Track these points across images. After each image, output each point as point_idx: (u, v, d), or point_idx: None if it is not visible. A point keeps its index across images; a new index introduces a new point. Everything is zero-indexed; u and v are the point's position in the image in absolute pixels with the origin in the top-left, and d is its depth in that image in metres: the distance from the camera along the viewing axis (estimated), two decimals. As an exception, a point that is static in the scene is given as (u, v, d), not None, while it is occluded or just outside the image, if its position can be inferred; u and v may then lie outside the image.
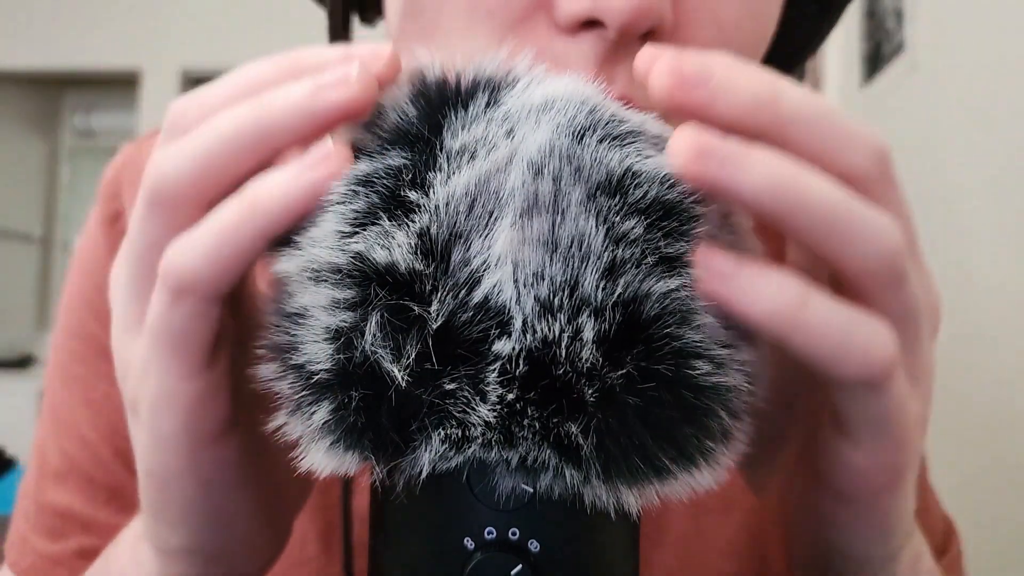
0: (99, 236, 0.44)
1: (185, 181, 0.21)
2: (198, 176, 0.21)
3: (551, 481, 0.20)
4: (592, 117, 0.21)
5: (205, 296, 0.21)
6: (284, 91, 0.21)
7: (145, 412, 0.23)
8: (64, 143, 4.17)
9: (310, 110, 0.21)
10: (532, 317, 0.19)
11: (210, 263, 0.21)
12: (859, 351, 0.20)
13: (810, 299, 0.19)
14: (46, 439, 0.43)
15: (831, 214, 0.20)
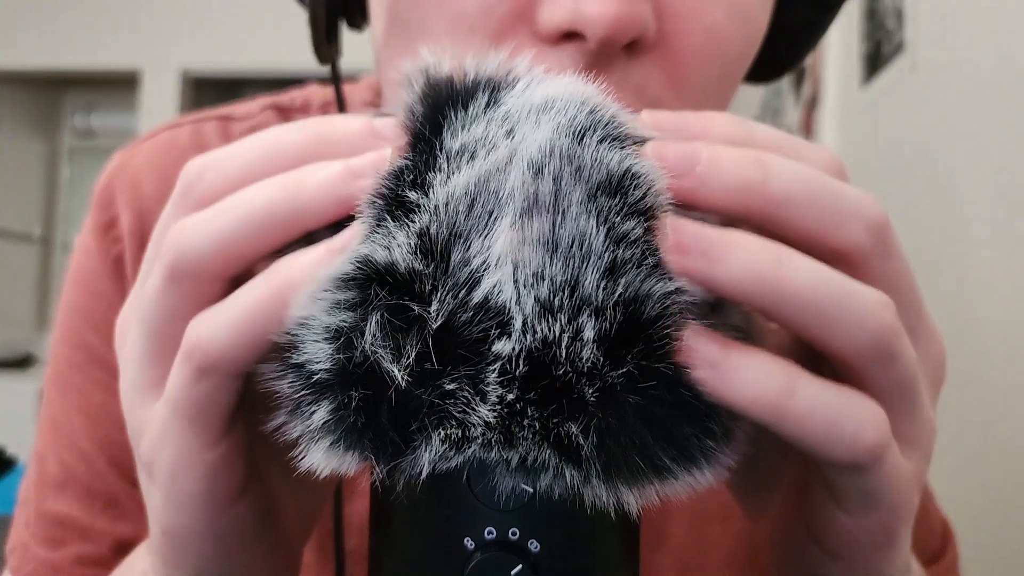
0: (93, 245, 0.44)
1: (210, 256, 0.21)
2: (223, 252, 0.21)
3: (551, 481, 0.20)
4: (592, 117, 0.21)
5: (229, 373, 0.21)
6: (315, 172, 0.21)
7: (163, 476, 0.23)
8: (64, 143, 4.17)
9: (343, 195, 0.21)
10: (532, 317, 0.19)
11: (237, 343, 0.21)
12: (847, 437, 0.20)
13: (797, 387, 0.19)
14: (45, 448, 0.44)
15: (813, 301, 0.19)
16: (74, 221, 4.06)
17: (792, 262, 0.19)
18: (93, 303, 0.44)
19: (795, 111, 2.00)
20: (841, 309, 0.20)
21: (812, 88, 1.85)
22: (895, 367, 0.21)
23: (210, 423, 0.22)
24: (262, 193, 0.21)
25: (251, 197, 0.21)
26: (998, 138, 0.98)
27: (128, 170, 0.45)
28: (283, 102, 0.48)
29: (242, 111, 0.48)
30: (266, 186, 0.21)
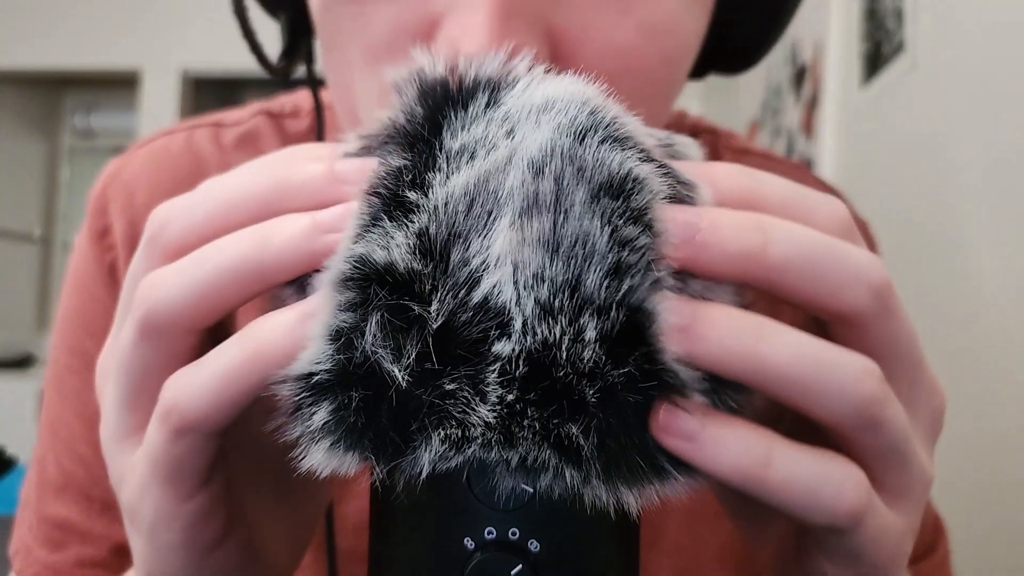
0: (88, 252, 0.45)
1: (179, 312, 0.21)
2: (193, 307, 0.21)
3: (551, 481, 0.20)
4: (593, 118, 0.21)
5: (205, 434, 0.21)
6: (282, 228, 0.21)
7: (144, 527, 0.23)
8: (64, 143, 4.17)
9: (310, 251, 0.21)
10: (532, 319, 0.19)
11: (212, 404, 0.21)
12: (826, 504, 0.20)
13: (774, 457, 0.20)
14: (45, 452, 0.44)
15: (793, 376, 0.20)
16: (74, 221, 4.06)
17: (772, 337, 0.20)
18: (89, 309, 0.45)
19: (795, 111, 2.00)
20: (822, 382, 0.20)
21: (812, 88, 1.85)
22: (880, 433, 0.21)
23: (188, 479, 0.22)
24: (229, 249, 0.21)
25: (218, 253, 0.21)
26: (998, 138, 0.98)
27: (121, 178, 0.46)
28: (274, 108, 0.49)
29: (233, 117, 0.49)
30: (233, 241, 0.21)
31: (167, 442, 0.21)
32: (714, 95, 2.86)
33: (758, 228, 0.20)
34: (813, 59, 1.84)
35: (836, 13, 1.69)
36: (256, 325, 0.21)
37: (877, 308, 0.21)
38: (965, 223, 1.05)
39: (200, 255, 0.21)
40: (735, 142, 0.52)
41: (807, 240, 0.20)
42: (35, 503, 0.44)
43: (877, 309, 0.21)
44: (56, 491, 0.43)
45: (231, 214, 0.22)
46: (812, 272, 0.20)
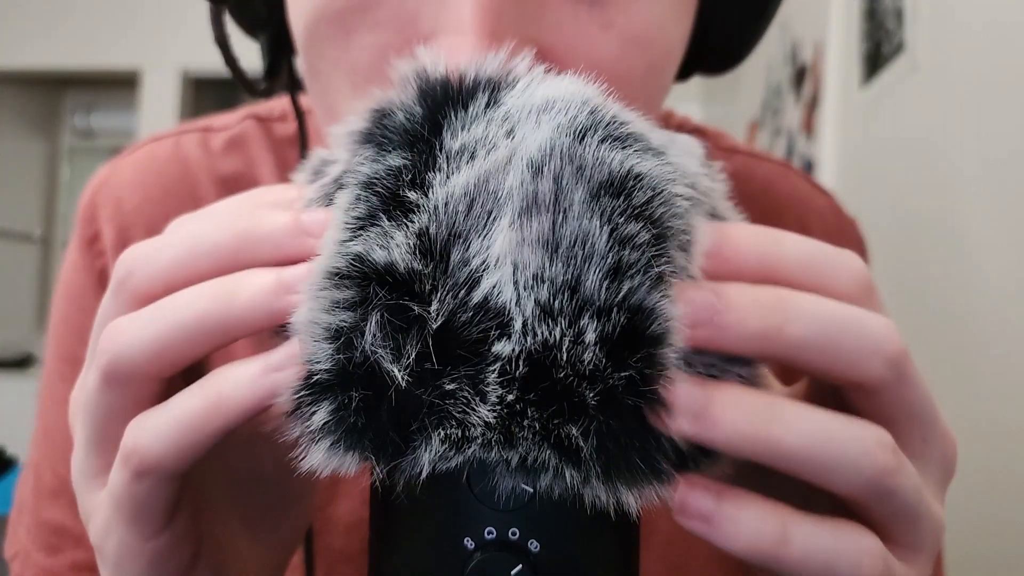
0: (79, 259, 0.46)
1: (142, 361, 0.22)
2: (156, 358, 0.22)
3: (551, 481, 0.20)
4: (593, 117, 0.21)
5: (165, 476, 0.22)
6: (247, 285, 0.21)
7: (110, 563, 0.24)
8: (64, 143, 4.17)
9: (274, 309, 0.21)
10: (532, 320, 0.19)
11: (172, 450, 0.21)
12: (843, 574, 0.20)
13: (790, 533, 0.20)
14: (40, 458, 0.45)
15: (807, 456, 0.20)
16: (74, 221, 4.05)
17: (784, 419, 0.20)
18: (80, 317, 0.45)
19: (795, 111, 2.00)
20: (835, 459, 0.20)
21: (812, 88, 1.85)
22: (894, 500, 0.21)
23: (150, 519, 0.23)
24: (192, 304, 0.21)
25: (181, 306, 0.21)
26: (998, 138, 0.98)
27: (110, 185, 0.46)
28: (262, 112, 0.49)
29: (221, 122, 0.49)
30: (196, 296, 0.21)
31: (128, 483, 0.22)
32: (714, 95, 2.86)
33: (777, 307, 0.20)
34: (813, 59, 1.84)
35: (836, 13, 1.69)
36: (219, 374, 0.21)
37: (893, 377, 0.21)
38: (965, 223, 1.05)
39: (163, 306, 0.22)
40: (723, 141, 0.52)
41: (825, 316, 0.21)
42: (31, 508, 0.44)
43: (893, 378, 0.21)
44: (52, 496, 0.44)
45: (197, 263, 0.22)
46: (829, 348, 0.21)
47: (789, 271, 0.22)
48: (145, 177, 0.46)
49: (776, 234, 0.22)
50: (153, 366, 0.22)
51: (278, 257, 0.22)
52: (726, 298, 0.20)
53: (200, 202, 0.45)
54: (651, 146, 0.21)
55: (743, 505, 0.20)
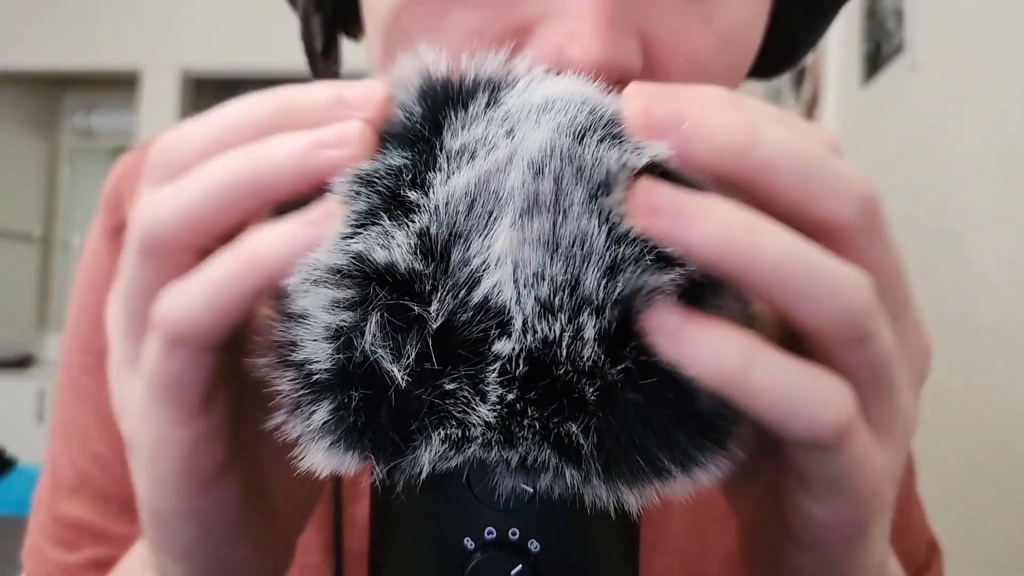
0: (102, 250, 0.44)
1: (177, 230, 0.21)
2: (190, 225, 0.21)
3: (551, 481, 0.20)
4: (593, 117, 0.21)
5: (199, 346, 0.21)
6: (280, 144, 0.21)
7: (142, 455, 0.23)
8: (64, 143, 4.17)
9: (308, 167, 0.20)
10: (532, 317, 0.19)
11: (204, 315, 0.20)
12: (807, 413, 0.19)
13: (756, 360, 0.19)
14: (58, 453, 0.44)
15: (785, 273, 0.19)
16: (74, 221, 4.06)
17: (766, 231, 0.19)
18: (103, 308, 0.44)
19: (795, 111, 2.00)
20: (814, 283, 0.19)
21: (812, 88, 1.85)
22: (869, 348, 0.20)
23: (185, 398, 0.22)
24: (225, 166, 0.21)
25: (214, 170, 0.21)
26: (998, 138, 0.98)
27: (136, 174, 0.45)
28: None
29: None
30: (229, 158, 0.21)
31: (161, 356, 0.21)
32: (714, 95, 2.85)
33: (748, 126, 0.20)
34: (813, 59, 1.84)
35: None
36: (252, 234, 0.21)
37: (863, 222, 0.20)
38: (965, 222, 1.05)
39: (195, 173, 0.21)
40: None
41: (797, 144, 0.20)
42: (47, 504, 0.43)
43: (863, 223, 0.20)
44: (70, 491, 0.43)
45: (234, 137, 0.21)
46: (799, 175, 0.20)
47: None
48: None
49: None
50: (188, 234, 0.21)
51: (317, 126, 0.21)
52: (697, 111, 0.20)
53: None
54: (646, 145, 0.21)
55: (710, 326, 0.19)
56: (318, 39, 0.40)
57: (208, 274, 0.21)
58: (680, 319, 0.19)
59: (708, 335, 0.19)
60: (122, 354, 0.24)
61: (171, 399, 0.22)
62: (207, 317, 0.20)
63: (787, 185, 0.20)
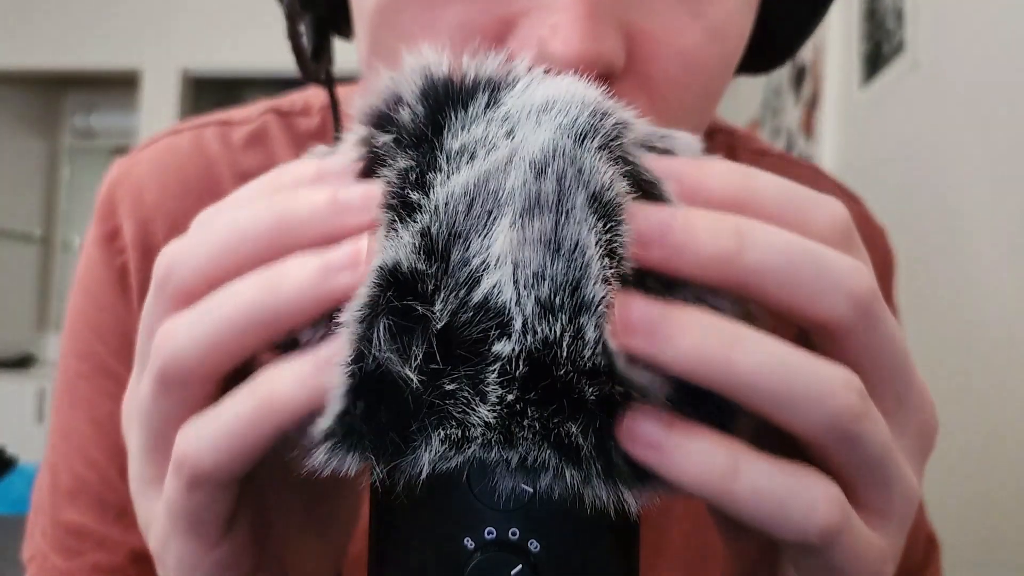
0: (97, 256, 0.44)
1: (196, 363, 0.21)
2: (208, 358, 0.21)
3: (551, 481, 0.20)
4: (593, 119, 0.21)
5: (220, 483, 0.21)
6: (292, 271, 0.20)
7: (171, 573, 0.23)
8: (64, 143, 4.17)
9: (321, 295, 0.20)
10: (532, 318, 0.19)
11: (224, 455, 0.21)
12: (795, 519, 0.19)
13: (740, 469, 0.19)
14: (57, 458, 0.44)
15: (766, 387, 0.19)
16: (74, 221, 4.06)
17: (745, 345, 0.19)
18: (99, 315, 0.44)
19: (795, 111, 2.00)
20: (797, 393, 0.19)
21: (812, 88, 1.85)
22: (858, 449, 0.20)
23: (208, 529, 0.22)
24: (240, 297, 0.21)
25: (229, 302, 0.21)
26: (998, 138, 0.98)
27: (129, 179, 0.45)
28: (283, 106, 0.48)
29: (241, 115, 0.48)
30: (243, 289, 0.21)
31: (183, 494, 0.21)
32: (714, 95, 2.85)
33: (735, 231, 0.19)
34: (813, 59, 1.84)
35: (836, 13, 1.69)
36: (269, 374, 0.21)
37: (859, 319, 0.20)
38: (965, 222, 1.06)
39: (211, 304, 0.21)
40: (754, 143, 0.51)
41: (786, 246, 0.20)
42: (48, 510, 0.44)
43: (858, 320, 0.20)
44: (70, 497, 0.43)
45: (237, 254, 0.21)
46: (789, 279, 0.20)
47: (762, 206, 0.21)
48: (166, 171, 0.45)
49: (749, 170, 0.21)
50: (207, 366, 0.21)
51: (321, 238, 0.21)
52: (683, 218, 0.19)
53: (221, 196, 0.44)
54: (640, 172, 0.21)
55: (693, 436, 0.19)
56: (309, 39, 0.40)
57: (225, 417, 0.21)
58: (663, 430, 0.19)
59: (691, 446, 0.19)
60: (143, 474, 0.24)
61: (195, 532, 0.22)
62: (225, 459, 0.21)
63: (777, 290, 0.20)
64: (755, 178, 0.21)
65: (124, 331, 0.43)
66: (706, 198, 0.21)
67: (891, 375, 0.21)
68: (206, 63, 3.47)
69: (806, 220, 0.21)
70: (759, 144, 0.51)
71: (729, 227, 0.20)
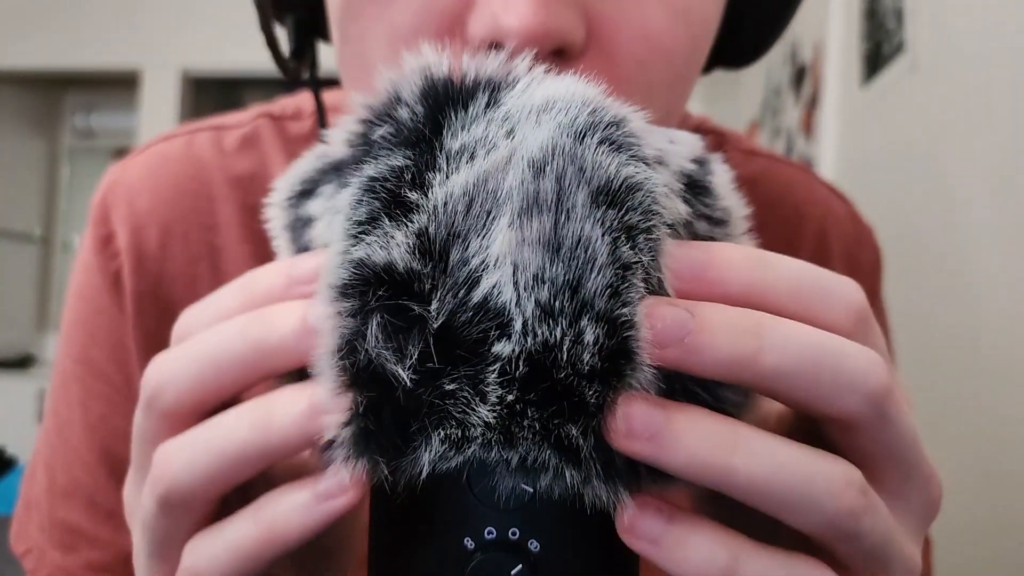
0: (92, 261, 0.45)
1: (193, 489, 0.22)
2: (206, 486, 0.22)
3: (551, 481, 0.20)
4: (593, 118, 0.21)
5: None
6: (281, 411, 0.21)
7: None
8: (64, 143, 4.17)
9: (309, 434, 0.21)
10: (532, 320, 0.19)
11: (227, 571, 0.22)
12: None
13: (741, 563, 0.19)
14: (55, 457, 0.45)
15: (766, 489, 0.19)
16: (74, 221, 4.06)
17: (746, 449, 0.19)
18: (94, 318, 0.45)
19: (795, 111, 2.00)
20: (796, 498, 0.19)
21: (812, 88, 1.85)
22: (860, 543, 0.20)
23: None
24: (233, 434, 0.22)
25: (223, 436, 0.22)
26: (998, 138, 0.98)
27: (122, 185, 0.46)
28: (275, 110, 0.49)
29: (234, 120, 0.49)
30: (235, 424, 0.22)
31: None
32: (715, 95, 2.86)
33: (754, 333, 0.19)
34: (813, 59, 1.84)
35: (836, 13, 1.69)
36: (271, 502, 0.22)
37: (873, 415, 0.20)
38: (965, 223, 1.05)
39: (206, 435, 0.22)
40: (743, 144, 0.52)
41: (804, 347, 0.20)
42: (46, 507, 0.44)
43: (873, 416, 0.20)
44: (65, 496, 0.44)
45: (218, 383, 0.22)
46: (806, 380, 0.20)
47: (777, 298, 0.21)
48: (157, 177, 0.45)
49: (766, 258, 0.21)
50: (205, 492, 0.22)
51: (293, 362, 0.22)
52: (700, 318, 0.19)
53: (214, 201, 0.45)
54: (645, 154, 0.21)
55: (693, 530, 0.19)
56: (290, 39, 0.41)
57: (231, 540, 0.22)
58: (664, 524, 0.19)
59: (691, 539, 0.19)
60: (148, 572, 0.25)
61: None
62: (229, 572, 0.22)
63: (796, 389, 0.20)
64: (770, 266, 0.21)
65: (117, 335, 0.44)
66: (722, 291, 0.21)
67: (898, 460, 0.22)
68: (206, 63, 3.47)
69: (822, 309, 0.21)
70: (747, 144, 0.52)
71: (748, 327, 0.20)
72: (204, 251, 0.45)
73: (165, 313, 0.44)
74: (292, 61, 0.41)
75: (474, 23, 0.28)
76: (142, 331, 0.44)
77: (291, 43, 0.41)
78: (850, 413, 0.20)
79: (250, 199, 0.45)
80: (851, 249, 0.51)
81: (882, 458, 0.21)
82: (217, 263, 0.45)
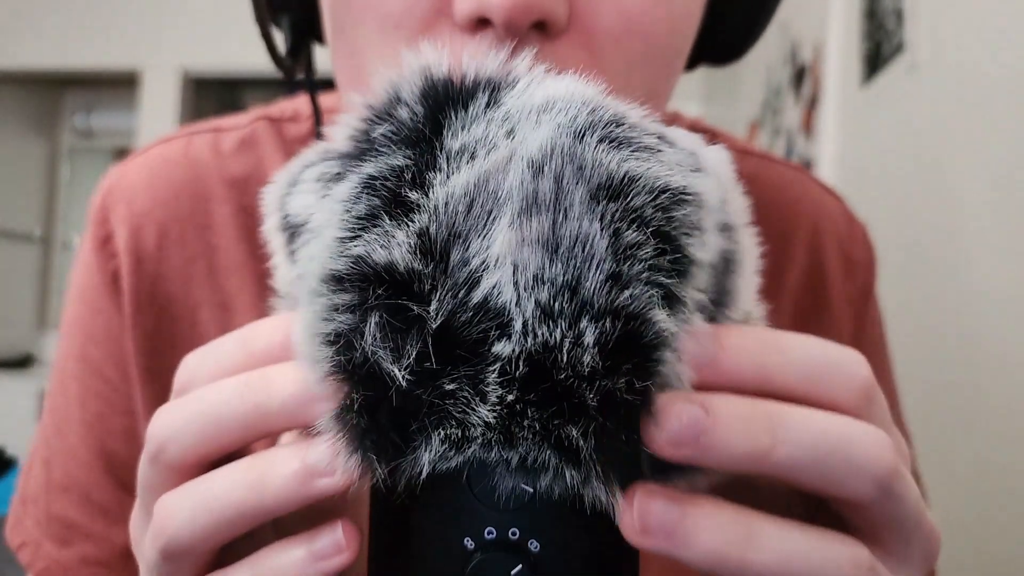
0: (91, 261, 0.46)
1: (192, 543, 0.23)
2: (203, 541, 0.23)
3: (551, 481, 0.20)
4: (593, 117, 0.21)
5: None
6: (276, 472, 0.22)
7: None
8: (64, 143, 4.17)
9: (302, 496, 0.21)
10: (532, 321, 0.19)
11: None
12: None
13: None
14: (52, 454, 0.46)
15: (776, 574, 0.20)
16: (74, 221, 4.06)
17: (760, 540, 0.20)
18: (93, 318, 0.46)
19: (795, 111, 2.00)
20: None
21: (812, 88, 1.85)
22: None
23: None
24: (230, 493, 0.22)
25: (220, 495, 0.22)
26: (998, 138, 0.98)
27: (121, 186, 0.46)
28: (273, 113, 0.49)
29: (232, 123, 0.49)
30: (232, 483, 0.22)
31: None
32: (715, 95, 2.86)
33: (767, 428, 0.20)
34: (813, 59, 1.84)
35: (836, 13, 1.69)
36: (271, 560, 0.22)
37: (881, 496, 0.21)
38: (964, 223, 1.06)
39: (205, 491, 0.23)
40: (736, 143, 0.52)
41: (816, 438, 0.20)
42: (43, 501, 0.45)
43: (880, 497, 0.21)
44: (61, 491, 0.45)
45: (219, 440, 0.23)
46: (818, 470, 0.21)
47: (786, 382, 0.21)
48: (156, 178, 0.46)
49: (777, 342, 0.22)
50: (204, 545, 0.23)
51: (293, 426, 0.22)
52: (714, 416, 0.20)
53: (210, 202, 0.46)
54: (647, 145, 0.21)
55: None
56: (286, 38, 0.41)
57: None
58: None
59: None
60: None
61: None
62: None
63: (807, 478, 0.21)
64: (780, 350, 0.22)
65: (115, 335, 0.45)
66: (734, 379, 0.21)
67: (904, 531, 0.22)
68: (206, 63, 3.47)
69: (830, 388, 0.22)
70: (740, 144, 0.52)
71: (761, 422, 0.20)
72: (201, 251, 0.45)
73: (162, 312, 0.45)
74: (288, 60, 0.42)
75: (460, 1, 0.29)
76: (140, 330, 0.44)
77: (287, 42, 0.42)
78: (860, 496, 0.21)
79: (246, 200, 0.45)
80: (845, 246, 0.51)
81: (888, 531, 0.22)
82: (214, 262, 0.45)
